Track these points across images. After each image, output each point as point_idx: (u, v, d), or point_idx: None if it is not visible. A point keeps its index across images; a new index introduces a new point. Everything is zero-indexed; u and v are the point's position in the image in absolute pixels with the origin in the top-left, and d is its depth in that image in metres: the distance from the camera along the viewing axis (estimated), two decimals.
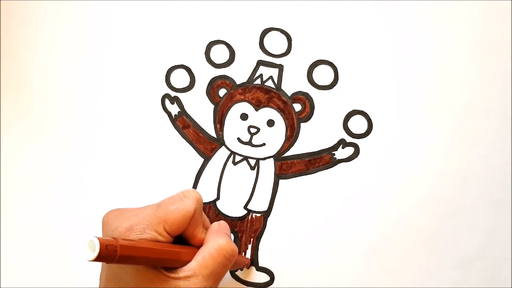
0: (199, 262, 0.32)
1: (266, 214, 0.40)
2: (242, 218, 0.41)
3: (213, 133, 0.41)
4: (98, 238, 0.25)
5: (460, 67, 0.41)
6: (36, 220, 0.41)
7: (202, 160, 0.41)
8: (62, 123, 0.41)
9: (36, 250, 0.41)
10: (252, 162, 0.41)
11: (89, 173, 0.41)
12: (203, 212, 0.35)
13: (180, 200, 0.33)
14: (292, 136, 0.41)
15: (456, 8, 0.41)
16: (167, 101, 0.41)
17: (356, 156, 0.41)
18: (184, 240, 0.34)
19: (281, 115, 0.41)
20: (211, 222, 0.40)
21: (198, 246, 0.33)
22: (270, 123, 0.41)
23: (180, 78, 0.41)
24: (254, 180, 0.41)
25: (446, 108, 0.41)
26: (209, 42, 0.41)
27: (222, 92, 0.41)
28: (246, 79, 0.41)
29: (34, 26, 0.42)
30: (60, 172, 0.41)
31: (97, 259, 0.25)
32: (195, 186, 0.41)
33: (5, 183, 0.41)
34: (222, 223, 0.37)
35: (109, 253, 0.26)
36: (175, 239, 0.33)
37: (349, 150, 0.41)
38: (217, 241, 0.33)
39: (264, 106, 0.41)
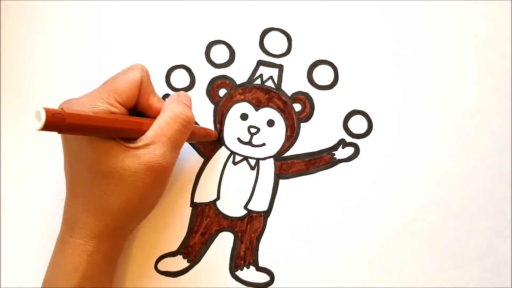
0: (156, 130, 0.33)
1: (266, 214, 0.40)
2: (242, 218, 0.41)
3: None
4: (44, 108, 0.25)
5: (460, 67, 0.41)
6: (37, 219, 0.41)
7: (202, 160, 0.41)
8: None
9: (36, 250, 0.40)
10: (252, 162, 0.41)
11: None
12: (152, 85, 0.35)
13: (125, 72, 0.34)
14: (292, 136, 0.41)
15: (456, 8, 0.42)
16: None
17: (356, 156, 0.41)
18: (140, 114, 0.35)
19: (281, 115, 0.41)
20: (212, 223, 0.40)
21: (156, 117, 0.34)
22: (270, 123, 0.41)
23: (180, 78, 0.41)
24: (254, 180, 0.41)
25: (446, 108, 0.41)
26: (209, 42, 0.41)
27: (222, 92, 0.41)
28: (246, 79, 0.41)
29: (34, 26, 0.42)
30: (60, 171, 0.41)
31: (45, 128, 0.25)
32: (195, 186, 0.41)
33: (5, 183, 0.41)
34: (182, 93, 0.37)
35: (56, 122, 0.26)
36: (132, 114, 0.34)
37: (349, 150, 0.41)
38: (172, 109, 0.34)
39: (264, 106, 0.41)
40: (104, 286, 0.35)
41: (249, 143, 0.41)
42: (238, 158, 0.41)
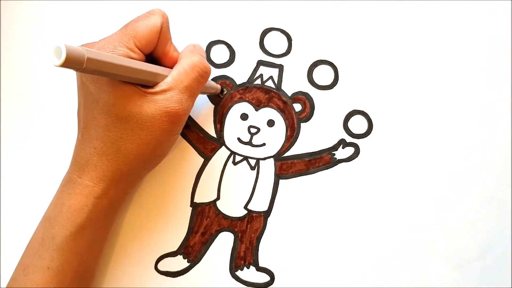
0: (174, 77, 0.33)
1: (266, 214, 0.40)
2: (242, 218, 0.41)
3: (213, 133, 0.41)
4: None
5: (460, 67, 0.41)
6: (37, 219, 0.41)
7: (202, 160, 0.41)
8: (63, 123, 0.41)
9: None
10: (252, 162, 0.41)
11: None
12: (170, 33, 0.35)
13: (145, 17, 0.34)
14: (292, 136, 0.41)
15: (456, 8, 0.42)
16: None
17: (356, 156, 0.41)
18: (156, 61, 0.35)
19: (281, 115, 0.41)
20: (212, 223, 0.40)
21: (171, 66, 0.35)
22: (270, 123, 0.41)
23: None
24: (254, 180, 0.41)
25: (446, 108, 0.41)
26: (209, 42, 0.41)
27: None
28: (246, 79, 0.41)
29: (34, 26, 0.42)
30: (60, 171, 0.41)
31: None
32: (195, 186, 0.41)
33: (5, 183, 0.41)
34: (197, 44, 0.38)
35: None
36: (148, 61, 0.34)
37: (349, 150, 0.41)
38: (191, 58, 0.35)
39: (264, 106, 0.41)
40: (106, 230, 0.36)
41: (249, 143, 0.41)
42: (238, 158, 0.41)
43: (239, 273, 0.40)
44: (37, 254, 0.33)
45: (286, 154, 0.41)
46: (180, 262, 0.40)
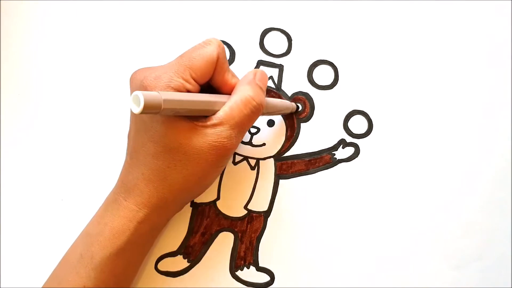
0: (226, 112, 0.33)
1: (266, 214, 0.40)
2: (242, 218, 0.41)
3: None
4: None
5: (460, 67, 0.41)
6: (37, 219, 0.41)
7: None
8: (63, 123, 0.41)
9: (36, 249, 0.40)
10: (252, 162, 0.41)
11: (90, 173, 0.41)
12: (227, 61, 0.35)
13: (202, 47, 0.34)
14: (292, 136, 0.41)
15: (457, 8, 0.42)
16: None
17: (356, 156, 0.41)
18: (214, 90, 0.35)
19: (281, 115, 0.41)
20: (212, 223, 0.40)
21: (230, 93, 0.35)
22: (270, 123, 0.41)
23: None
24: (254, 180, 0.41)
25: (446, 108, 0.41)
26: None
27: None
28: None
29: (34, 26, 0.42)
30: (60, 171, 0.41)
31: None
32: None
33: (5, 183, 0.41)
34: (259, 72, 0.36)
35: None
36: (205, 90, 0.34)
37: (349, 150, 0.41)
38: (246, 92, 0.34)
39: None
40: (143, 255, 0.36)
41: (249, 143, 0.41)
42: (238, 158, 0.41)
43: (239, 273, 0.40)
44: (74, 270, 0.33)
45: (286, 154, 0.41)
46: (180, 262, 0.40)
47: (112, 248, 0.33)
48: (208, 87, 0.35)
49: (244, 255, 0.40)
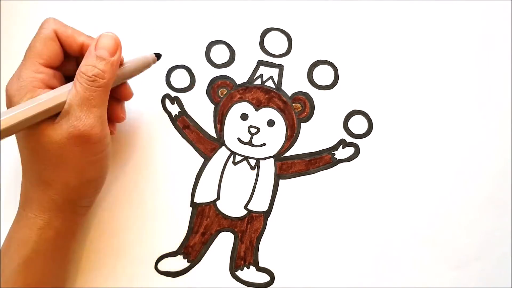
0: (69, 97, 0.32)
1: (266, 214, 0.40)
2: (242, 218, 0.41)
3: (213, 133, 0.41)
4: None
5: (460, 67, 0.41)
6: None
7: (202, 160, 0.41)
8: None
9: None
10: (252, 162, 0.41)
11: None
12: (72, 28, 0.34)
13: (38, 33, 0.34)
14: (292, 136, 0.41)
15: (457, 8, 0.42)
16: (167, 101, 0.41)
17: (356, 156, 0.41)
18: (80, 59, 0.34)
19: (281, 115, 0.41)
20: (212, 223, 0.40)
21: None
22: (270, 123, 0.41)
23: (180, 78, 0.41)
24: (254, 180, 0.41)
25: (446, 108, 0.41)
26: (209, 42, 0.41)
27: (222, 92, 0.41)
28: (246, 79, 0.41)
29: (34, 26, 0.42)
30: None
31: None
32: (195, 186, 0.41)
33: (5, 183, 0.41)
34: (101, 38, 0.34)
35: None
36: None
37: (349, 150, 0.41)
38: (79, 68, 0.33)
39: (264, 106, 0.41)
40: (57, 262, 0.35)
41: (249, 143, 0.41)
42: (238, 158, 0.41)
43: (239, 273, 0.40)
44: None
45: (286, 154, 0.41)
46: (180, 262, 0.40)
47: (19, 259, 0.33)
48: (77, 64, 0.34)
49: (244, 255, 0.40)
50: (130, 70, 0.36)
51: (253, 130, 0.41)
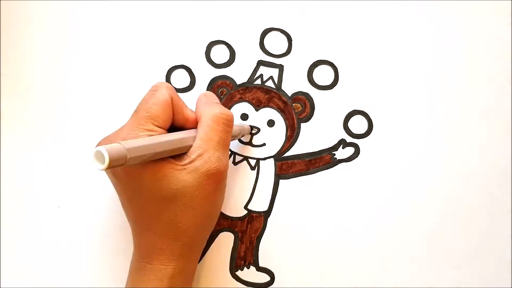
0: (203, 138, 0.33)
1: (267, 214, 0.40)
2: (242, 218, 0.41)
3: None
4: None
5: (460, 67, 0.41)
6: (36, 220, 0.41)
7: None
8: (63, 123, 0.41)
9: (35, 249, 0.40)
10: (252, 162, 0.41)
11: (88, 180, 0.41)
12: (181, 98, 0.35)
13: (152, 95, 0.34)
14: (292, 136, 0.41)
15: (457, 8, 0.42)
16: None
17: (357, 156, 0.41)
18: (179, 129, 0.35)
19: (281, 115, 0.41)
20: None
21: (194, 127, 0.35)
22: (270, 123, 0.41)
23: (180, 78, 0.41)
24: (254, 180, 0.41)
25: (446, 108, 0.41)
26: (210, 42, 0.41)
27: (222, 92, 0.41)
28: (247, 79, 0.41)
29: (35, 26, 0.42)
30: (61, 171, 0.41)
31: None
32: None
33: (5, 184, 0.41)
34: (208, 93, 0.38)
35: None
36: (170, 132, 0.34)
37: (350, 150, 0.41)
38: (211, 112, 0.34)
39: (264, 106, 0.41)
40: None
41: (249, 143, 0.41)
42: (238, 158, 0.41)
43: (239, 273, 0.40)
44: None
45: (286, 154, 0.41)
46: None
47: None
48: (172, 130, 0.35)
49: (244, 255, 0.40)
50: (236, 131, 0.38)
51: (253, 130, 0.41)
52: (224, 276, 0.40)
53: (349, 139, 0.41)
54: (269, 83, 0.41)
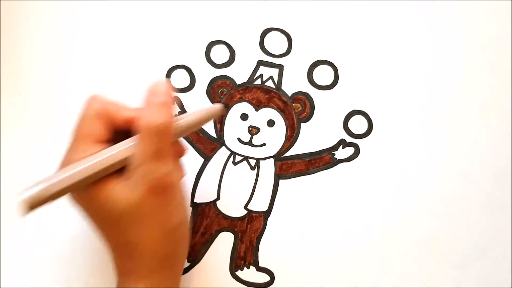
0: (138, 149, 0.30)
1: (266, 214, 0.40)
2: (242, 218, 0.41)
3: (213, 133, 0.41)
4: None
5: (460, 67, 0.41)
6: (36, 220, 0.41)
7: (202, 160, 0.41)
8: (63, 123, 0.41)
9: (35, 250, 0.40)
10: (252, 162, 0.41)
11: None
12: (115, 102, 0.33)
13: (80, 114, 0.32)
14: (292, 136, 0.41)
15: (457, 8, 0.42)
16: None
17: (356, 156, 0.41)
18: (129, 131, 0.32)
19: (281, 115, 0.41)
20: (212, 223, 0.40)
21: None
22: (270, 123, 0.41)
23: (180, 78, 0.41)
24: (254, 180, 0.41)
25: (446, 108, 0.41)
26: (209, 42, 0.41)
27: (222, 92, 0.41)
28: (246, 79, 0.41)
29: (35, 26, 0.42)
30: None
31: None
32: (195, 186, 0.41)
33: (5, 184, 0.41)
34: (153, 86, 0.32)
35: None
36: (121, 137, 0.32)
37: (349, 150, 0.41)
38: (143, 117, 0.30)
39: (264, 106, 0.41)
40: None
41: (249, 143, 0.41)
42: (238, 158, 0.41)
43: (239, 273, 0.40)
44: None
45: (286, 154, 0.41)
46: None
47: None
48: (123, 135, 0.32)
49: (244, 255, 0.40)
50: (197, 118, 0.34)
51: (253, 130, 0.41)
52: (224, 276, 0.40)
53: (349, 139, 0.41)
54: (269, 83, 0.41)
